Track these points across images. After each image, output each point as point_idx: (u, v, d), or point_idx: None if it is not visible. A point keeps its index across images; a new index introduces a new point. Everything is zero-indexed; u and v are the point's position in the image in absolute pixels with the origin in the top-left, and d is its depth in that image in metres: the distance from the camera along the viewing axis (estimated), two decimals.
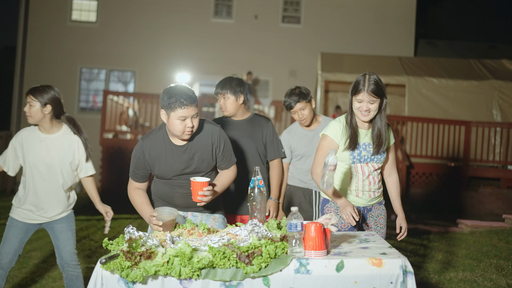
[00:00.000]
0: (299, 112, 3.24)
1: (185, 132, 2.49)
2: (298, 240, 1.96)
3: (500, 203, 9.32)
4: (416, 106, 10.65)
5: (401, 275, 1.94)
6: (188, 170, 2.60)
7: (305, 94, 3.25)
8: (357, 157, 2.68)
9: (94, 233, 6.56)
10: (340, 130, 2.70)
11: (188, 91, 2.49)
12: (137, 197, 2.67)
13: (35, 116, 2.99)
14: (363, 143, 2.70)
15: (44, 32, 13.87)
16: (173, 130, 2.50)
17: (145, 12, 14.00)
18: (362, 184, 2.73)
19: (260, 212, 2.45)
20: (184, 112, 2.45)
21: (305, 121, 3.26)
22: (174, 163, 2.58)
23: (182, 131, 2.49)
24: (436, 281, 4.25)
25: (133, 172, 2.66)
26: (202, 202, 2.46)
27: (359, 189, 2.73)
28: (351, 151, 2.66)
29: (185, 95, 2.46)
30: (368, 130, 2.72)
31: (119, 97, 11.05)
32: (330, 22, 14.12)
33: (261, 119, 3.22)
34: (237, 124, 3.15)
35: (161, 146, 2.59)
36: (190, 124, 2.48)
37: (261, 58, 13.81)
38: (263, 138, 3.16)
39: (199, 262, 1.86)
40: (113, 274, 1.90)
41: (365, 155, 2.68)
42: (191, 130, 2.50)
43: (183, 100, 2.44)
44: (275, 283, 1.90)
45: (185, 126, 2.47)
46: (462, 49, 15.38)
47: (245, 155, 3.11)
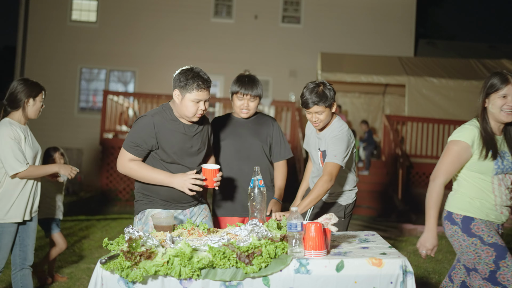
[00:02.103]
0: (314, 115, 2.85)
1: (196, 114, 2.56)
2: (298, 240, 1.96)
3: None
4: (416, 106, 10.65)
5: (401, 275, 1.94)
6: (193, 150, 2.67)
7: (327, 97, 2.82)
8: (501, 167, 2.35)
9: (94, 233, 6.56)
10: (477, 136, 2.37)
11: (204, 75, 2.56)
12: (139, 164, 2.58)
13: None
14: (501, 150, 2.38)
15: (44, 32, 13.87)
16: (185, 111, 2.55)
17: (145, 12, 14.00)
18: (506, 198, 2.39)
19: (260, 212, 2.45)
20: (200, 95, 2.52)
21: (318, 126, 2.90)
22: (186, 141, 2.63)
23: (194, 113, 2.55)
24: (436, 281, 4.25)
25: (134, 146, 2.56)
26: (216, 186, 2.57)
27: (503, 204, 2.40)
28: (495, 161, 2.34)
29: (202, 78, 2.53)
30: (500, 135, 2.43)
31: (119, 97, 11.05)
32: (330, 22, 14.12)
33: (268, 119, 3.20)
34: (243, 122, 3.13)
35: (172, 124, 2.61)
36: (202, 107, 2.55)
37: (261, 58, 13.80)
38: (268, 137, 3.14)
39: (199, 262, 1.86)
40: (113, 274, 1.90)
41: (506, 164, 2.37)
42: (202, 112, 2.58)
43: (200, 83, 2.51)
44: (275, 283, 1.90)
45: (198, 108, 2.54)
46: (462, 49, 15.38)
47: (251, 154, 3.08)
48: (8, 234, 3.00)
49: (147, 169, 2.57)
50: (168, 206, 2.67)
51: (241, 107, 3.05)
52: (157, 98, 10.65)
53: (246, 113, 3.07)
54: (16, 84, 3.05)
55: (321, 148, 2.92)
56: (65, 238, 4.44)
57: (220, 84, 14.07)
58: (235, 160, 3.05)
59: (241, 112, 3.07)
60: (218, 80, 14.04)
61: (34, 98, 3.04)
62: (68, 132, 13.39)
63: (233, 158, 3.06)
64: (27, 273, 3.14)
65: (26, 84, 3.04)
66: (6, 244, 2.99)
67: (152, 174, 2.55)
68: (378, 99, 13.09)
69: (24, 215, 3.04)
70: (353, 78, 10.98)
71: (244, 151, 3.06)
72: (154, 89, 12.83)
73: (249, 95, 3.01)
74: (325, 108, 2.83)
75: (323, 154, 2.88)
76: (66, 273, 4.53)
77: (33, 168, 2.98)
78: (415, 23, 14.30)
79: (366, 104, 12.89)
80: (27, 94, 3.03)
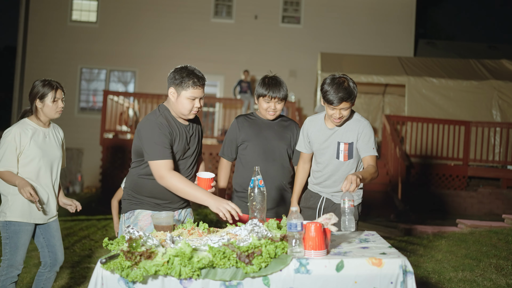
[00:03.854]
0: (339, 111, 2.79)
1: (192, 111, 2.60)
2: (298, 240, 1.96)
3: (500, 203, 9.33)
4: (416, 106, 10.65)
5: (401, 275, 1.94)
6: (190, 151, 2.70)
7: (353, 93, 2.78)
8: None
9: (94, 233, 6.56)
10: None
11: (199, 73, 2.62)
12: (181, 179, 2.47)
13: None
14: None
15: (44, 32, 13.87)
16: (181, 109, 2.59)
17: (145, 12, 14.00)
18: None
19: (260, 212, 2.45)
20: (195, 93, 2.58)
21: (339, 122, 2.86)
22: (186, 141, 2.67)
23: (189, 110, 2.59)
24: (436, 281, 4.25)
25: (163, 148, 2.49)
26: None
27: None
28: None
29: (197, 76, 2.59)
30: None
31: (119, 97, 11.05)
32: (330, 22, 14.12)
33: (291, 122, 3.23)
34: (269, 124, 3.14)
35: (174, 126, 2.64)
36: (198, 104, 2.60)
37: (261, 58, 13.81)
38: (292, 141, 3.17)
39: (199, 262, 1.86)
40: (113, 274, 1.90)
41: None
42: (197, 110, 2.62)
43: (196, 80, 2.57)
44: (275, 283, 1.90)
45: (193, 105, 2.59)
46: (462, 49, 15.39)
47: (276, 156, 3.10)
48: (25, 233, 2.97)
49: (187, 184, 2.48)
50: (157, 207, 2.66)
51: (268, 109, 3.05)
52: (157, 98, 10.64)
53: (273, 115, 3.08)
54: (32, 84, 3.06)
55: (347, 140, 2.91)
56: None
57: (220, 84, 14.07)
58: (261, 162, 3.04)
59: (268, 114, 3.07)
60: (218, 80, 14.04)
61: (41, 99, 3.00)
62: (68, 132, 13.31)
63: (259, 159, 3.06)
64: (52, 277, 3.15)
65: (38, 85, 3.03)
66: (23, 243, 2.97)
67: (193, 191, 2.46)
68: (378, 99, 13.09)
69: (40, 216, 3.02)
70: (353, 78, 10.87)
71: (270, 153, 3.08)
72: (154, 89, 12.83)
73: (276, 97, 3.02)
74: (351, 104, 2.81)
75: (349, 147, 2.90)
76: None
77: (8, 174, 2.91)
78: (415, 23, 14.30)
79: (366, 104, 12.89)
80: (32, 96, 3.02)
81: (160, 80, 13.63)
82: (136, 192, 2.68)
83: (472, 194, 9.48)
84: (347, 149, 2.90)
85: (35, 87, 3.04)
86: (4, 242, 2.97)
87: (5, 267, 2.94)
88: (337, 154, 2.94)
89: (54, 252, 3.13)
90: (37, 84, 3.04)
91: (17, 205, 2.96)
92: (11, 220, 2.95)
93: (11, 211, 2.95)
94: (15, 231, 2.95)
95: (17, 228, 2.95)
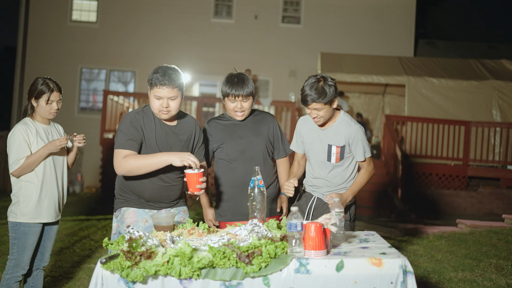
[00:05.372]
0: (313, 111, 2.79)
1: (161, 111, 2.53)
2: (298, 240, 1.96)
3: (500, 203, 9.33)
4: (416, 106, 10.65)
5: (401, 275, 1.94)
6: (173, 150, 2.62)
7: (326, 93, 2.70)
8: None
9: (94, 233, 6.56)
10: None
11: (171, 72, 2.53)
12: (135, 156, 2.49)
13: None
14: None
15: (44, 32, 13.87)
16: (151, 107, 2.56)
17: (145, 12, 14.00)
18: None
19: (260, 212, 2.45)
20: (160, 92, 2.50)
21: (318, 122, 2.84)
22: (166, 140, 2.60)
23: (157, 109, 2.54)
24: (436, 281, 4.25)
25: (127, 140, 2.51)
26: (199, 190, 2.47)
27: None
28: None
29: (165, 74, 2.50)
30: None
31: (119, 97, 11.06)
32: (330, 22, 14.12)
33: (266, 115, 3.11)
34: (242, 123, 3.01)
35: (152, 122, 2.60)
36: (164, 104, 2.51)
37: (261, 58, 13.81)
38: (269, 135, 3.05)
39: (199, 262, 1.86)
40: (113, 274, 1.90)
41: None
42: (166, 110, 2.53)
43: (161, 79, 2.49)
44: (275, 283, 1.90)
45: (160, 105, 2.52)
46: (462, 49, 15.38)
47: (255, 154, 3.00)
48: (33, 234, 2.99)
49: (144, 156, 2.50)
50: (144, 205, 2.65)
51: (235, 109, 2.90)
52: None
53: (242, 115, 2.94)
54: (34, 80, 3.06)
55: (337, 143, 2.86)
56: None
57: (220, 84, 14.07)
58: (240, 163, 2.95)
59: (236, 115, 2.94)
60: (218, 80, 14.04)
61: (36, 98, 3.00)
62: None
63: (238, 161, 2.96)
64: (40, 274, 3.15)
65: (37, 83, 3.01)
66: (31, 244, 2.98)
67: (152, 158, 2.46)
68: (378, 99, 13.09)
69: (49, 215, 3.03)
70: (353, 78, 10.99)
71: (249, 153, 2.98)
72: None
73: (240, 96, 2.86)
74: (324, 105, 2.73)
75: (341, 150, 2.86)
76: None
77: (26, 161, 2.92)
78: (415, 23, 14.30)
79: (366, 104, 12.89)
80: (30, 93, 3.02)
81: None
82: (122, 190, 2.69)
83: (472, 194, 9.47)
84: (339, 152, 2.86)
85: (34, 84, 3.04)
86: (12, 242, 2.98)
87: (12, 266, 2.96)
88: (328, 156, 2.88)
89: (43, 253, 3.14)
90: (37, 81, 3.04)
91: (28, 207, 2.96)
92: (21, 221, 2.96)
93: (22, 213, 2.96)
94: (24, 232, 2.96)
95: (26, 229, 2.97)
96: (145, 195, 2.63)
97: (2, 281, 2.95)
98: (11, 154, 2.92)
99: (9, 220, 3.01)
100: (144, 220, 2.62)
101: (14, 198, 3.00)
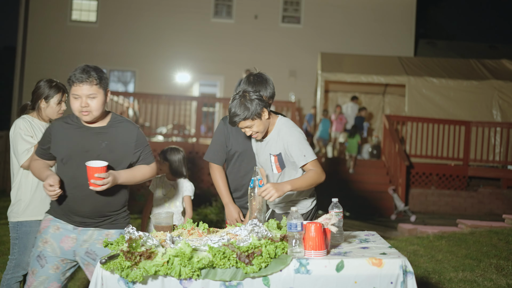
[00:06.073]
0: (246, 129, 2.60)
1: (81, 111, 2.35)
2: (298, 240, 1.96)
3: (500, 203, 9.33)
4: (416, 106, 10.65)
5: (401, 275, 1.94)
6: (90, 153, 2.40)
7: (249, 110, 2.52)
8: None
9: None
10: None
11: (90, 69, 2.36)
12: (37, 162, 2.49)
13: None
14: None
15: (44, 32, 13.87)
16: (72, 110, 2.40)
17: (145, 12, 14.00)
18: None
19: (260, 212, 2.45)
20: (77, 90, 2.34)
21: (257, 137, 2.65)
22: (78, 141, 2.42)
23: (78, 110, 2.36)
24: (436, 281, 4.25)
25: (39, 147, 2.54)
26: (97, 186, 2.25)
27: None
28: None
29: (83, 71, 2.34)
30: None
31: (119, 97, 11.05)
32: (330, 22, 14.12)
33: None
34: None
35: (70, 125, 2.47)
36: (83, 103, 2.33)
37: (261, 58, 13.80)
38: None
39: (199, 262, 1.86)
40: (113, 274, 1.90)
41: None
42: (86, 111, 2.35)
43: (78, 76, 2.33)
44: (275, 283, 1.90)
45: (79, 105, 2.34)
46: (462, 49, 15.39)
47: None
48: (35, 234, 2.92)
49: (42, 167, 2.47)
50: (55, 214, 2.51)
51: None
52: (157, 98, 10.63)
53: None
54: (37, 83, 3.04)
55: (274, 152, 2.68)
56: None
57: (220, 84, 14.06)
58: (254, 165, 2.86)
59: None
60: (218, 80, 14.03)
61: (46, 100, 2.99)
62: None
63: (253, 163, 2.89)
64: None
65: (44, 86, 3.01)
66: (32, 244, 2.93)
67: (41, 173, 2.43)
68: (378, 99, 13.09)
69: None
70: (353, 78, 10.99)
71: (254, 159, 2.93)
72: (154, 89, 12.82)
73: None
74: (253, 120, 2.55)
75: (279, 158, 2.67)
76: None
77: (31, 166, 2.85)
78: (415, 23, 14.30)
79: (366, 104, 12.89)
80: (37, 96, 3.01)
81: (160, 80, 13.64)
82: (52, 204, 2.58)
83: (472, 194, 9.47)
84: (277, 161, 2.68)
85: (40, 87, 3.02)
86: (13, 242, 2.97)
87: (12, 266, 2.95)
88: (271, 166, 2.73)
89: None
90: (42, 84, 3.02)
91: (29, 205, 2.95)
92: (23, 220, 2.95)
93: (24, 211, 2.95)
94: (25, 232, 2.95)
95: (28, 229, 2.95)
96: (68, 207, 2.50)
97: (3, 281, 2.95)
98: (18, 146, 2.90)
99: (10, 221, 2.99)
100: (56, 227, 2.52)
101: (14, 197, 3.00)
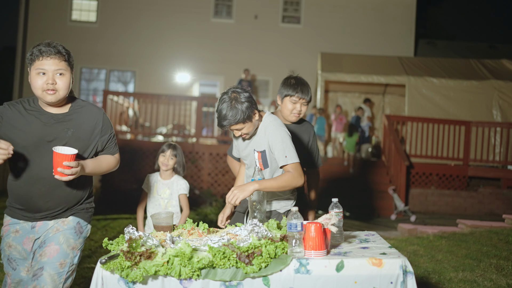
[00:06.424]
0: (235, 132, 2.57)
1: (45, 90, 2.13)
2: (298, 240, 1.96)
3: (500, 203, 9.33)
4: (416, 106, 10.65)
5: (401, 275, 1.94)
6: (55, 143, 2.20)
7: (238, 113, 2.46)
8: None
9: (94, 233, 6.56)
10: None
11: (53, 43, 2.16)
12: None
13: None
14: None
15: (44, 32, 13.86)
16: (33, 89, 2.14)
17: (145, 12, 14.00)
18: None
19: (260, 212, 2.45)
20: (43, 64, 2.12)
21: (247, 137, 2.65)
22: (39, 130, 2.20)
23: (41, 88, 2.13)
24: (436, 281, 4.25)
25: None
26: (64, 176, 2.08)
27: None
28: None
29: (49, 45, 2.14)
30: None
31: (119, 97, 11.05)
32: (330, 22, 14.12)
33: (308, 126, 3.17)
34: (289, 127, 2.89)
35: (27, 111, 2.22)
36: (50, 80, 2.12)
37: (261, 58, 13.81)
38: (309, 144, 3.12)
39: (199, 262, 1.86)
40: (113, 274, 1.90)
41: None
42: (52, 89, 2.14)
43: (44, 49, 2.12)
44: (275, 283, 1.90)
45: (44, 82, 2.12)
46: (462, 49, 15.39)
47: None
48: None
49: None
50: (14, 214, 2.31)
51: (294, 111, 2.94)
52: (157, 98, 10.63)
53: (297, 117, 2.98)
54: None
55: (258, 149, 2.64)
56: None
57: (220, 84, 14.07)
58: None
59: (292, 116, 2.96)
60: (218, 80, 14.04)
61: None
62: None
63: None
64: None
65: None
66: None
67: None
68: (378, 99, 13.09)
69: None
70: (353, 78, 10.99)
71: None
72: (154, 89, 12.83)
73: (304, 99, 2.93)
74: (243, 124, 2.51)
75: (262, 155, 2.63)
76: None
77: None
78: (415, 23, 14.31)
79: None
80: None
81: (160, 80, 13.63)
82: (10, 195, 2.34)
83: (472, 194, 9.47)
84: (260, 158, 2.63)
85: None
86: None
87: None
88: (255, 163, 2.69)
89: None
90: None
91: None
92: None
93: None
94: None
95: None
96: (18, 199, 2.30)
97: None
98: None
99: None
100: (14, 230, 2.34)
101: None
